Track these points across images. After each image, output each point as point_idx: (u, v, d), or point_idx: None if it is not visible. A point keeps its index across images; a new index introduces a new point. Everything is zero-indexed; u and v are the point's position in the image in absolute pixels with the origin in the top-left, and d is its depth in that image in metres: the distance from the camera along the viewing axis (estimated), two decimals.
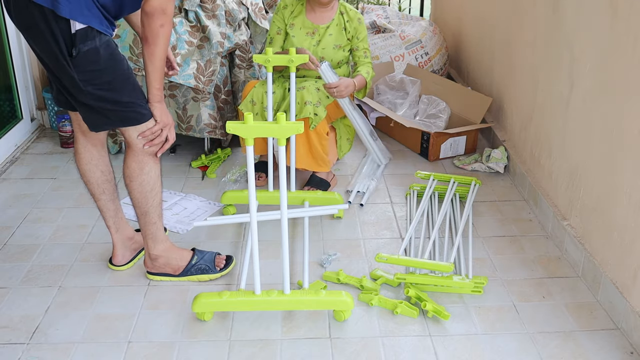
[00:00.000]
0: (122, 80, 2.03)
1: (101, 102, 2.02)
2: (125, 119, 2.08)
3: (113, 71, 2.00)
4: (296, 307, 2.13)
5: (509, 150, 3.23)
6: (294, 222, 2.75)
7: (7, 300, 2.25)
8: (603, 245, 2.26)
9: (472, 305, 2.23)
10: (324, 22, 3.00)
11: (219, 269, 2.37)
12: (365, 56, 3.07)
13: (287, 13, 2.99)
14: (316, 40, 2.97)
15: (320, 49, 2.97)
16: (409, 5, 6.03)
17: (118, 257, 2.40)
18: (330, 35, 2.99)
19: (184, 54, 3.05)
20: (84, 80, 1.96)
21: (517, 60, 3.17)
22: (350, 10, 3.04)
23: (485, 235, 2.67)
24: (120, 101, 2.03)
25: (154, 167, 2.18)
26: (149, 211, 2.23)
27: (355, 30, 3.02)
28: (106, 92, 2.00)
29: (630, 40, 2.06)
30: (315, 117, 2.80)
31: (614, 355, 2.00)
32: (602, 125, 2.27)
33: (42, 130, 3.79)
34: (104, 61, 1.97)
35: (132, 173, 2.16)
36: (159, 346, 2.03)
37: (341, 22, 3.01)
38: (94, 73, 1.96)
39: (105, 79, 1.99)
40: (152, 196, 2.21)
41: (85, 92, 1.98)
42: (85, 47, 1.91)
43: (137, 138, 2.10)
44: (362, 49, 3.05)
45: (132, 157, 2.15)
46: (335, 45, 2.99)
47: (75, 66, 1.93)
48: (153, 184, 2.20)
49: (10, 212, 2.86)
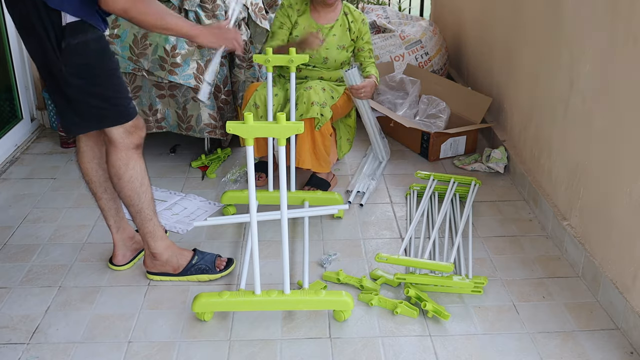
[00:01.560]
0: (109, 76, 2.05)
1: (87, 97, 2.03)
2: (106, 117, 2.08)
3: (101, 66, 2.01)
4: (296, 307, 2.13)
5: (509, 150, 3.23)
6: (294, 222, 2.75)
7: (7, 300, 2.25)
8: (603, 245, 2.26)
9: (472, 305, 2.23)
10: (327, 22, 3.00)
11: (219, 270, 2.37)
12: (370, 57, 3.09)
13: (291, 11, 2.98)
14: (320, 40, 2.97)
15: (323, 49, 2.97)
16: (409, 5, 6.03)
17: (118, 256, 2.40)
18: (334, 36, 2.98)
19: (184, 54, 3.05)
20: (72, 74, 1.97)
21: (517, 60, 3.17)
22: (355, 11, 3.04)
23: (485, 235, 2.67)
24: (105, 96, 2.05)
25: (138, 161, 2.18)
26: (143, 208, 2.23)
27: (359, 31, 3.03)
28: (93, 86, 2.02)
29: (630, 40, 2.06)
30: (321, 117, 2.80)
31: (614, 355, 2.00)
32: (602, 125, 2.27)
33: (42, 130, 3.79)
34: (93, 55, 1.98)
35: (118, 171, 2.16)
36: (159, 346, 2.03)
37: (345, 23, 3.01)
38: (81, 67, 1.98)
39: (93, 72, 2.00)
40: (142, 191, 2.21)
41: (72, 85, 1.99)
42: (75, 41, 1.93)
43: (120, 132, 2.11)
44: (367, 50, 3.07)
45: (115, 155, 2.15)
46: (339, 45, 2.99)
47: (63, 58, 1.94)
48: (141, 178, 2.20)
49: (10, 212, 2.86)
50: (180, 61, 3.04)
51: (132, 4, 1.92)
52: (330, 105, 2.91)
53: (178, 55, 3.03)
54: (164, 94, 3.17)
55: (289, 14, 2.98)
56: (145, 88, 3.16)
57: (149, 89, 3.16)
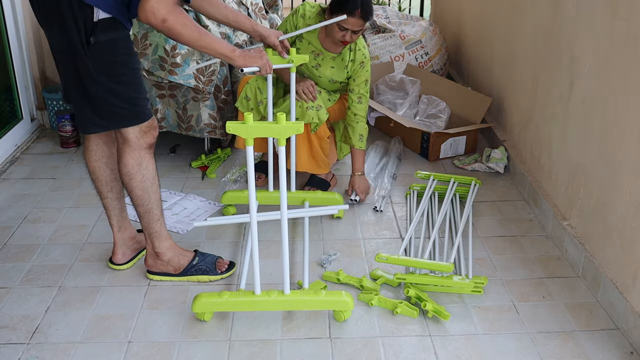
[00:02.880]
0: (133, 75, 2.06)
1: (110, 96, 2.03)
2: (125, 117, 2.09)
3: (127, 65, 2.03)
4: (296, 307, 2.13)
5: (509, 150, 3.23)
6: (294, 222, 2.75)
7: (7, 300, 2.25)
8: (603, 245, 2.26)
9: (472, 305, 2.23)
10: (332, 51, 2.85)
11: (219, 272, 2.36)
12: (360, 102, 2.85)
13: (301, 22, 2.81)
14: (317, 63, 2.87)
15: (317, 74, 2.88)
16: (409, 5, 6.03)
17: (118, 255, 2.40)
18: (332, 68, 2.87)
19: (184, 54, 3.05)
20: (98, 71, 1.98)
21: (517, 60, 3.17)
22: (359, 50, 2.84)
23: (485, 235, 2.67)
24: (128, 96, 2.06)
25: (150, 161, 2.19)
26: (152, 208, 2.24)
27: (354, 72, 2.85)
28: (118, 84, 2.03)
29: (630, 40, 2.06)
30: (317, 121, 2.79)
31: (614, 355, 2.00)
32: (602, 125, 2.27)
33: (42, 130, 3.79)
34: (121, 54, 2.00)
35: (131, 170, 2.16)
36: (159, 346, 2.03)
37: (346, 59, 2.85)
38: (108, 64, 1.99)
39: (119, 71, 2.02)
40: (153, 191, 2.22)
41: (98, 82, 2.00)
42: (104, 38, 1.94)
43: (136, 134, 2.12)
44: (356, 93, 2.85)
45: (129, 154, 2.15)
46: (332, 79, 2.89)
47: (91, 55, 1.95)
48: (152, 178, 2.20)
49: (10, 212, 2.86)
50: (180, 61, 3.04)
51: (172, 15, 1.90)
52: (327, 107, 2.90)
53: (178, 55, 3.03)
54: (164, 94, 3.17)
55: (297, 25, 2.81)
56: (145, 88, 3.16)
57: (149, 89, 3.16)
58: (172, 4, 1.90)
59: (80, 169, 3.23)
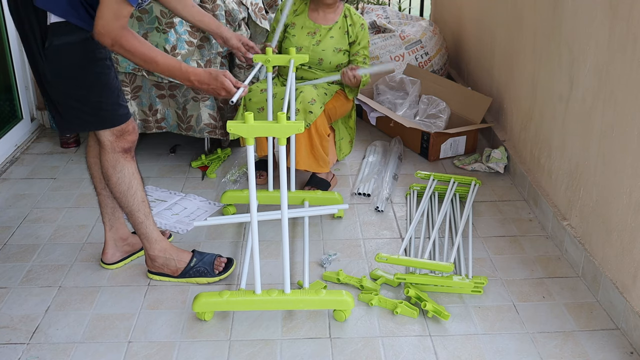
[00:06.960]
0: (94, 80, 2.02)
1: (67, 99, 2.03)
2: (87, 120, 2.08)
3: (84, 69, 1.99)
4: (296, 306, 2.13)
5: (509, 150, 3.23)
6: (294, 222, 2.75)
7: (7, 300, 2.25)
8: (603, 245, 2.26)
9: (472, 305, 2.23)
10: (326, 23, 2.99)
11: (217, 272, 2.35)
12: (364, 62, 3.03)
13: (290, 10, 2.96)
14: (316, 40, 2.96)
15: (320, 50, 2.96)
16: (409, 5, 6.03)
17: (107, 254, 2.41)
18: (332, 38, 2.97)
19: (184, 54, 3.05)
20: (54, 75, 1.97)
21: (517, 60, 3.17)
22: (355, 15, 3.01)
23: (485, 235, 2.67)
24: (87, 100, 2.03)
25: (126, 164, 2.18)
26: (133, 211, 2.23)
27: (357, 35, 3.00)
28: (76, 89, 2.01)
29: (630, 40, 2.06)
30: (309, 114, 2.79)
31: (614, 355, 2.00)
32: (602, 125, 2.27)
33: (42, 130, 3.79)
34: (78, 58, 1.96)
35: (107, 172, 2.17)
36: (159, 346, 2.03)
37: (344, 26, 2.99)
38: (63, 68, 1.97)
39: (75, 75, 1.99)
40: (131, 194, 2.21)
41: (53, 85, 1.99)
42: (58, 42, 1.91)
43: (108, 137, 2.11)
44: (362, 55, 3.02)
45: (104, 156, 2.16)
46: (336, 48, 2.98)
47: (46, 58, 1.94)
48: (129, 182, 2.19)
49: (10, 212, 2.86)
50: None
51: (122, 39, 1.87)
52: (324, 102, 2.90)
53: (178, 55, 3.03)
54: (164, 94, 3.17)
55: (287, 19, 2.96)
56: (145, 88, 3.16)
57: (149, 89, 3.16)
58: (119, 28, 1.87)
59: (80, 169, 3.23)
